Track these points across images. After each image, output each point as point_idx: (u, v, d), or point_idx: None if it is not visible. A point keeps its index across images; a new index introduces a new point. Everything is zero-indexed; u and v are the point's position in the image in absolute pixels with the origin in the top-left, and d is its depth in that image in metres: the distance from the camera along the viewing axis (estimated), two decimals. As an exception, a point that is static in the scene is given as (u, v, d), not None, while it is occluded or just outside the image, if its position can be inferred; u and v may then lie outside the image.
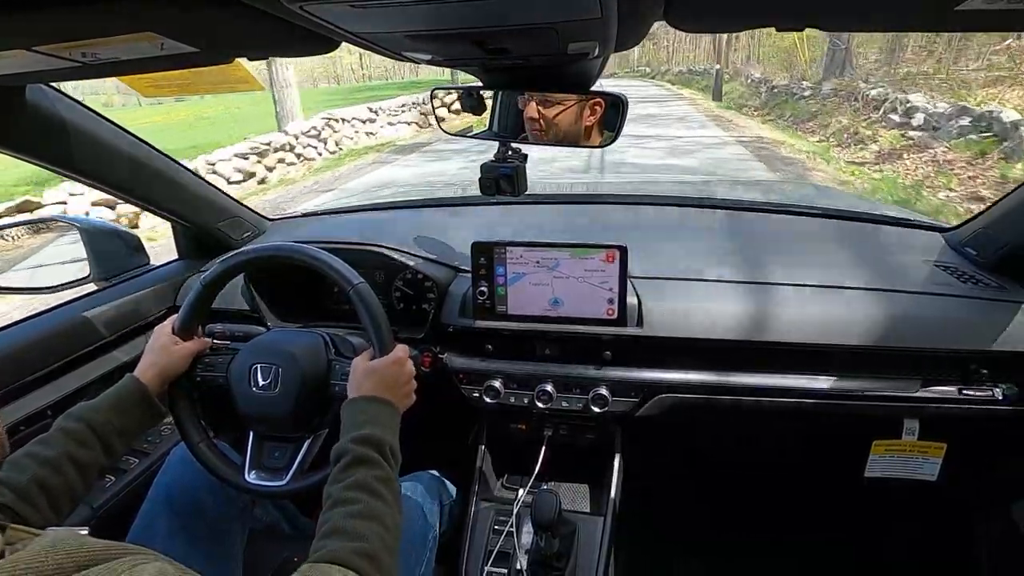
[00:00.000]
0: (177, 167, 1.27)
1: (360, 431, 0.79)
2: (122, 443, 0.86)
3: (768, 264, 1.22)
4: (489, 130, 1.06)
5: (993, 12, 0.44)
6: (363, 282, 0.95)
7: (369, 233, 1.35)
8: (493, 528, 1.21)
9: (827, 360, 1.11)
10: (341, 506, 0.70)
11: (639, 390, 1.15)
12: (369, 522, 0.68)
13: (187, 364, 0.97)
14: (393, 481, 0.76)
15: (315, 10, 0.47)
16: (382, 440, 0.79)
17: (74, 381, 1.14)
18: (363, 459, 0.75)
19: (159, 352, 0.95)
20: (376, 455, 0.76)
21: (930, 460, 1.20)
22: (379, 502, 0.71)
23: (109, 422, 0.84)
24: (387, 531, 0.69)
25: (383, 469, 0.76)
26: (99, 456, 0.81)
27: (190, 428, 0.97)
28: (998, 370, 1.07)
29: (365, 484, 0.73)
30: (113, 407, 0.86)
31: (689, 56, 33.06)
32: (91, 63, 0.65)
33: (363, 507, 0.70)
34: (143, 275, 1.35)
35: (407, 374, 0.92)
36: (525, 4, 0.48)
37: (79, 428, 0.81)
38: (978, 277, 1.16)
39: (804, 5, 0.52)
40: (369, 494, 0.72)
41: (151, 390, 0.91)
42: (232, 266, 0.99)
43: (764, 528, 1.61)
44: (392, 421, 0.85)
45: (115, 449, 0.84)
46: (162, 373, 0.93)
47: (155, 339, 0.97)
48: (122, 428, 0.85)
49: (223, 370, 0.99)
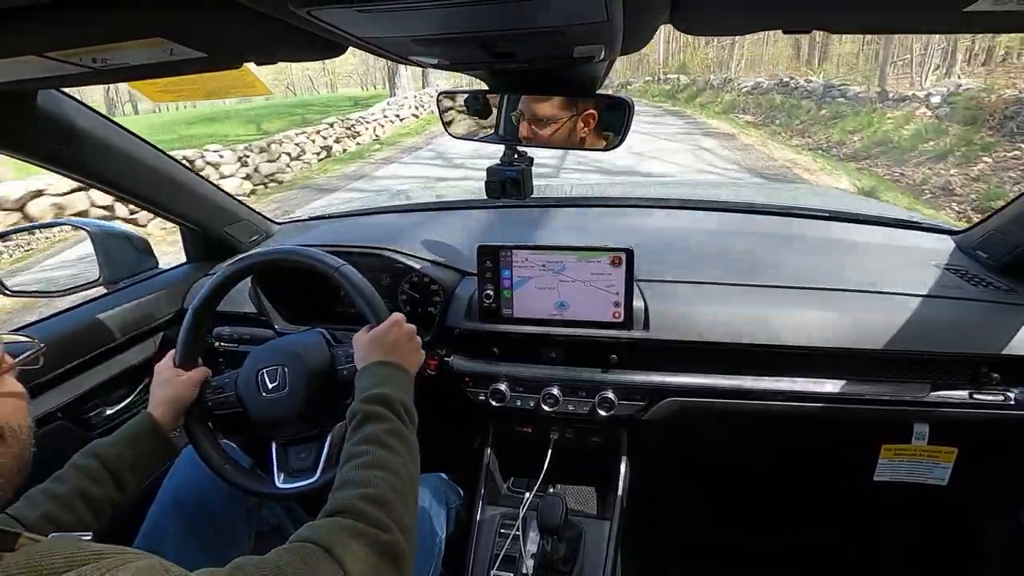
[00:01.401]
0: (186, 171, 1.28)
1: (369, 391, 0.79)
2: (135, 479, 0.85)
3: (776, 267, 1.22)
4: (495, 133, 1.06)
5: (1002, 13, 0.44)
6: (345, 264, 0.97)
7: (375, 236, 1.35)
8: (499, 532, 1.21)
9: (836, 364, 1.10)
10: (349, 461, 0.70)
11: (645, 394, 1.15)
12: (376, 470, 0.68)
13: (195, 392, 0.98)
14: (406, 435, 0.76)
15: (322, 15, 0.47)
16: (391, 396, 0.79)
17: (83, 384, 1.15)
18: (372, 415, 0.76)
19: (165, 386, 0.95)
20: (386, 411, 0.76)
21: (940, 465, 1.19)
22: (388, 452, 0.71)
23: (121, 457, 0.84)
24: (397, 478, 0.69)
25: (393, 423, 0.76)
26: (111, 492, 0.81)
27: (212, 453, 0.97)
28: (1010, 374, 1.06)
29: (374, 438, 0.73)
30: (126, 442, 0.86)
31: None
32: (101, 68, 0.66)
33: (371, 458, 0.70)
34: (152, 278, 1.36)
35: (408, 333, 0.92)
36: (531, 8, 0.48)
37: (91, 464, 0.81)
38: (989, 280, 1.14)
39: (811, 7, 0.51)
40: (378, 446, 0.72)
41: (164, 424, 0.91)
42: (215, 287, 1.00)
43: (772, 532, 1.60)
44: (403, 380, 0.85)
45: (128, 485, 0.84)
46: (173, 406, 0.94)
47: (158, 376, 0.98)
48: (135, 463, 0.85)
49: (232, 388, 1.00)
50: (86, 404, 1.17)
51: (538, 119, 0.98)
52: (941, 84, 10.36)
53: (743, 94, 15.33)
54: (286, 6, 0.44)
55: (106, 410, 1.22)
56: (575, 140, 0.98)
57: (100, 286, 1.26)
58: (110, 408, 1.22)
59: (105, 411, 1.21)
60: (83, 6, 0.48)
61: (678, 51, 23.33)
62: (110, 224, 1.32)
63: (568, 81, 0.89)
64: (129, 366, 1.26)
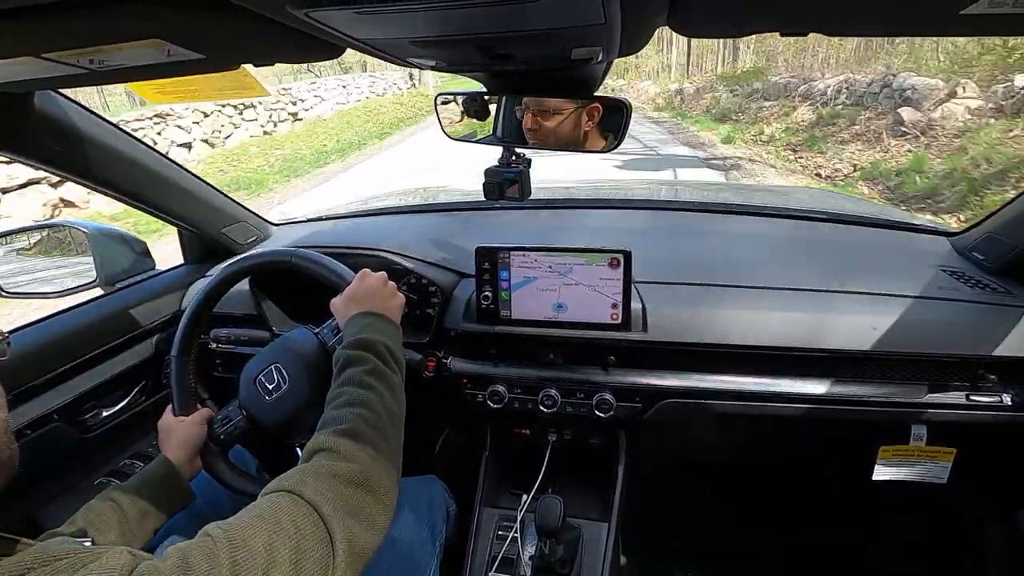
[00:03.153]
0: (183, 172, 1.28)
1: (352, 338, 0.80)
2: (147, 526, 0.84)
3: (774, 269, 1.22)
4: (493, 135, 1.06)
5: (998, 16, 0.44)
6: (298, 249, 0.99)
7: (373, 238, 1.35)
8: (497, 534, 1.20)
9: (833, 365, 1.10)
10: (329, 404, 0.71)
11: (644, 395, 1.15)
12: (350, 407, 0.68)
13: (204, 430, 0.98)
14: (387, 375, 0.76)
15: (320, 17, 0.47)
16: (371, 340, 0.79)
17: (80, 385, 1.15)
18: (352, 359, 0.76)
19: (171, 433, 0.96)
20: (366, 353, 0.77)
21: (940, 464, 1.19)
22: (366, 391, 0.72)
23: (135, 504, 0.83)
24: (372, 412, 0.69)
25: (373, 363, 0.76)
26: (121, 540, 0.79)
27: (240, 483, 0.98)
28: (1006, 376, 1.06)
29: (353, 379, 0.73)
30: (141, 488, 0.86)
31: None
32: (98, 70, 0.66)
33: (348, 397, 0.70)
34: (149, 280, 1.36)
35: (378, 280, 0.93)
36: (529, 10, 0.48)
37: (104, 509, 0.80)
38: (985, 282, 1.15)
39: (809, 10, 0.51)
40: (356, 386, 0.72)
41: (180, 467, 0.91)
42: (186, 328, 1.01)
43: (771, 532, 1.60)
44: (383, 325, 0.85)
45: (138, 533, 0.83)
46: (186, 449, 0.94)
47: (163, 429, 0.98)
48: (147, 509, 0.84)
49: (238, 412, 1.00)
50: (83, 406, 1.17)
51: (543, 109, 0.98)
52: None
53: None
54: (284, 8, 0.44)
55: (103, 412, 1.21)
56: (578, 135, 0.98)
57: (97, 287, 1.26)
58: (107, 410, 1.22)
59: (102, 413, 1.21)
60: (80, 7, 0.48)
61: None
62: (108, 226, 1.32)
63: (566, 83, 0.89)
64: (127, 368, 1.25)
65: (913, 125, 7.11)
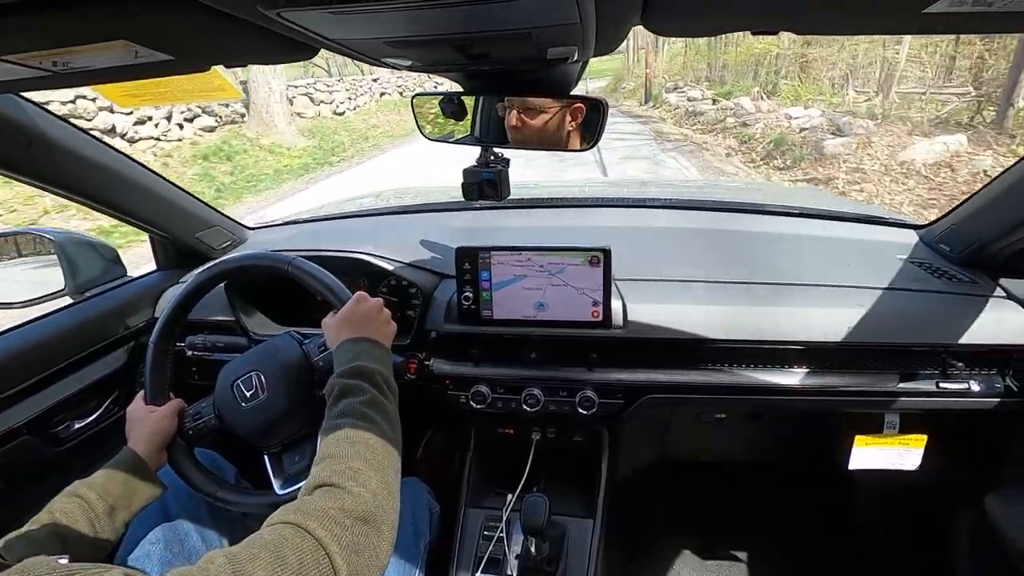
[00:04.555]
0: (153, 176, 1.25)
1: (346, 366, 0.79)
2: (117, 521, 0.82)
3: (747, 263, 1.24)
4: (471, 135, 1.06)
5: (960, 15, 0.45)
6: (297, 257, 0.96)
7: (352, 240, 1.34)
8: (483, 534, 1.20)
9: (808, 357, 1.12)
10: (326, 436, 0.70)
11: (625, 391, 1.16)
12: (351, 442, 0.68)
13: (174, 423, 0.95)
14: (383, 405, 0.75)
15: (293, 17, 0.46)
16: (366, 368, 0.78)
17: (50, 397, 1.12)
18: (348, 389, 0.75)
19: (140, 424, 0.93)
20: (363, 383, 0.76)
21: (912, 451, 1.23)
22: (365, 423, 0.71)
23: (103, 498, 0.80)
24: (372, 448, 0.68)
25: (369, 394, 0.75)
26: (93, 536, 0.78)
27: (203, 482, 0.95)
28: (972, 363, 1.09)
29: (351, 411, 0.72)
30: (108, 482, 0.83)
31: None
32: (62, 72, 0.64)
33: (348, 432, 0.69)
34: (121, 287, 1.33)
35: (375, 306, 0.92)
36: (504, 10, 0.48)
37: (70, 507, 0.78)
38: (951, 272, 1.18)
39: (778, 9, 0.53)
40: (354, 418, 0.71)
41: (148, 459, 0.88)
42: (169, 316, 0.98)
43: (752, 525, 1.63)
44: (378, 352, 0.84)
45: (110, 527, 0.80)
46: (154, 441, 0.91)
47: (131, 417, 0.95)
48: (117, 503, 0.82)
49: (210, 411, 0.98)
50: (54, 418, 1.13)
51: (529, 108, 0.97)
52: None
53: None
54: (255, 8, 0.43)
55: (75, 424, 1.18)
56: (562, 134, 0.98)
57: (66, 296, 1.22)
58: (79, 422, 1.19)
59: (74, 425, 1.17)
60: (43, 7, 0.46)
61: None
62: (77, 233, 1.28)
63: (543, 82, 0.90)
64: (99, 378, 1.22)
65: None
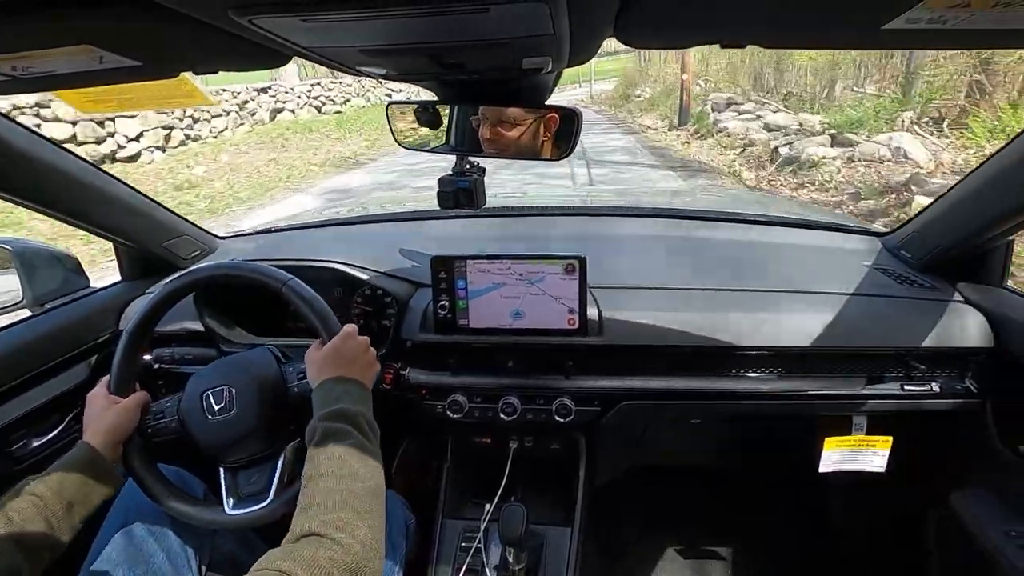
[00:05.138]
0: (115, 183, 1.21)
1: (328, 408, 0.77)
2: (75, 518, 0.78)
3: (720, 271, 1.26)
4: (446, 144, 1.05)
5: (916, 31, 0.47)
6: (293, 278, 0.94)
7: (325, 249, 1.32)
8: (461, 545, 1.19)
9: (779, 362, 1.15)
10: (312, 482, 0.69)
11: (602, 398, 1.16)
12: (341, 493, 0.67)
13: (135, 420, 0.91)
14: (367, 449, 0.74)
15: (265, 24, 0.46)
16: (349, 411, 0.77)
17: (7, 414, 1.07)
18: (332, 432, 0.74)
19: (100, 417, 0.88)
20: (346, 426, 0.75)
21: (878, 453, 1.26)
22: (351, 470, 0.70)
23: (58, 494, 0.77)
24: (359, 497, 0.67)
25: (354, 438, 0.74)
26: (48, 534, 0.74)
27: (154, 485, 0.91)
28: (934, 366, 1.13)
29: (335, 455, 0.71)
30: (63, 477, 0.79)
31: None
32: (23, 77, 0.62)
33: (333, 479, 0.68)
34: (83, 298, 1.28)
35: (362, 345, 0.90)
36: (479, 20, 0.48)
37: (23, 504, 0.74)
38: (913, 278, 1.23)
39: (744, 24, 0.54)
40: (340, 463, 0.70)
41: (105, 454, 0.84)
42: (150, 309, 0.95)
43: (732, 528, 1.65)
44: (361, 394, 0.83)
45: (67, 526, 0.77)
46: (112, 436, 0.87)
47: (91, 406, 0.90)
48: (73, 499, 0.78)
49: (173, 413, 0.94)
50: (10, 436, 1.08)
51: (503, 121, 0.98)
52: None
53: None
54: (226, 14, 0.43)
55: (33, 441, 1.13)
56: (537, 145, 0.99)
57: (24, 308, 1.17)
58: (38, 439, 1.13)
59: (32, 443, 1.12)
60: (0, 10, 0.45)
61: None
62: (34, 241, 1.23)
63: (518, 92, 0.90)
64: (59, 392, 1.17)
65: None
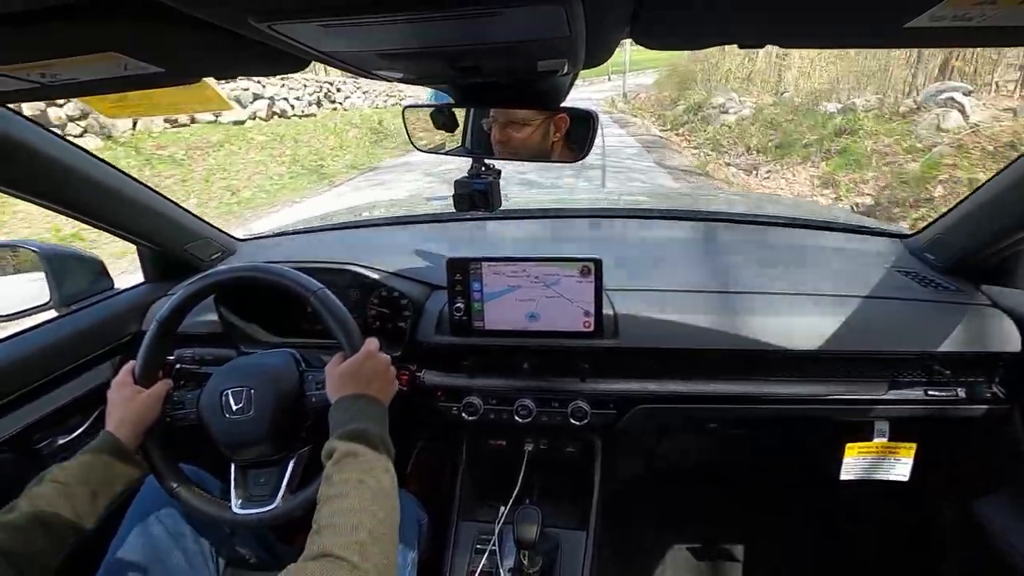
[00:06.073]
0: (140, 187, 1.23)
1: (346, 427, 0.78)
2: (98, 503, 0.80)
3: (738, 273, 1.25)
4: (462, 146, 1.06)
5: (941, 29, 0.46)
6: (322, 288, 0.95)
7: (342, 251, 1.33)
8: (475, 548, 1.19)
9: (798, 366, 1.13)
10: (329, 503, 0.69)
11: (618, 402, 1.16)
12: (357, 515, 0.67)
13: (159, 410, 0.93)
14: (384, 471, 0.75)
15: (284, 30, 0.46)
16: (368, 431, 0.77)
17: (32, 413, 1.09)
18: (350, 453, 0.74)
19: (125, 405, 0.90)
20: (364, 447, 0.75)
21: (901, 460, 1.23)
22: (368, 492, 0.70)
23: (81, 480, 0.79)
24: (376, 520, 0.68)
25: (372, 460, 0.74)
26: (71, 519, 0.76)
27: (167, 474, 0.93)
28: (959, 370, 1.11)
29: (352, 477, 0.71)
30: (87, 464, 0.81)
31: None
32: (50, 83, 0.63)
33: (351, 501, 0.69)
34: (107, 300, 1.31)
35: (383, 364, 0.91)
36: (496, 23, 0.48)
37: (48, 490, 0.76)
38: (937, 281, 1.20)
39: (764, 23, 0.53)
40: (357, 486, 0.70)
41: (127, 444, 0.86)
42: (183, 300, 0.97)
43: (746, 535, 1.62)
44: (378, 413, 0.83)
45: (90, 510, 0.79)
46: (136, 424, 0.89)
47: (116, 392, 0.92)
48: (97, 486, 0.80)
49: (193, 405, 0.96)
50: (36, 434, 1.11)
51: (512, 121, 0.98)
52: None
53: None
54: (247, 21, 0.43)
55: (59, 440, 1.15)
56: (547, 146, 0.99)
57: (51, 309, 1.20)
58: (63, 438, 1.16)
59: (57, 441, 1.15)
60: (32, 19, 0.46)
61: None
62: (61, 245, 1.26)
63: (533, 94, 0.90)
64: (84, 392, 1.20)
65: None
